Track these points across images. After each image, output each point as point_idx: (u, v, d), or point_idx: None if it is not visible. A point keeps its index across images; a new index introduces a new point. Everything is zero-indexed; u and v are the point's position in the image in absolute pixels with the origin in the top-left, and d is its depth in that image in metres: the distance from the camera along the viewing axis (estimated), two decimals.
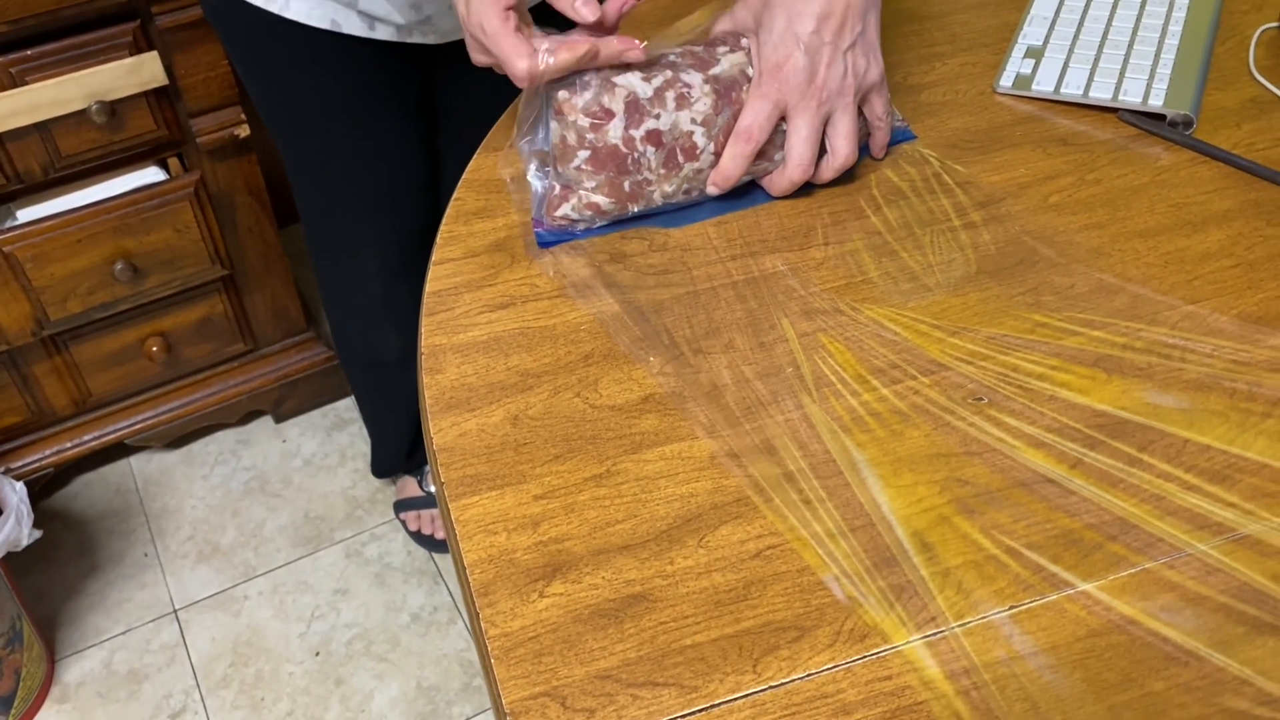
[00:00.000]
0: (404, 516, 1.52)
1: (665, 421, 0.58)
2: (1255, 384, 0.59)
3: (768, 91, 0.67)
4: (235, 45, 0.97)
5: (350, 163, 1.04)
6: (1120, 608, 0.50)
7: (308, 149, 1.04)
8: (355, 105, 0.98)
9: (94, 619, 1.46)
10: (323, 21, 0.87)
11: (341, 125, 1.00)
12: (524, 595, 0.51)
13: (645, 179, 0.67)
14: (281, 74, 0.96)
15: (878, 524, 0.53)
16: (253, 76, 0.99)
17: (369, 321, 1.25)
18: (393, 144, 1.03)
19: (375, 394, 1.39)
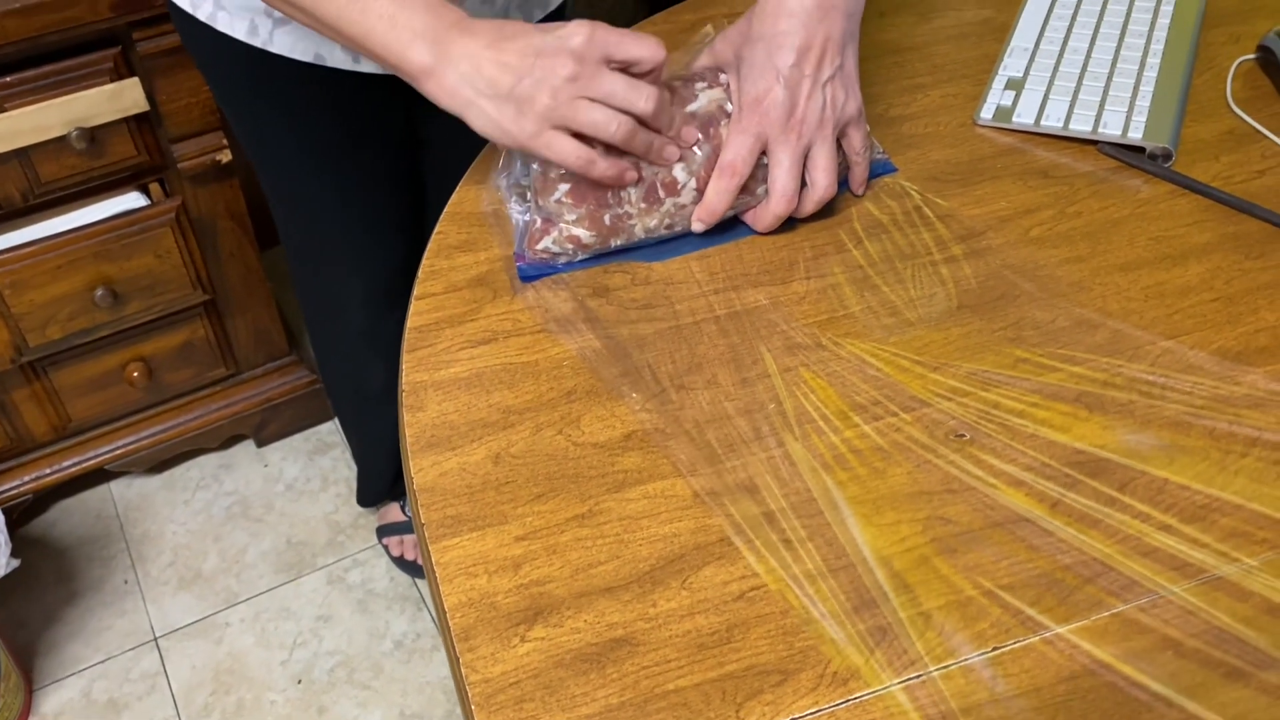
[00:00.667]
0: (386, 542, 1.51)
1: (648, 459, 0.58)
2: (1235, 420, 0.59)
3: (748, 125, 0.67)
4: (217, 80, 0.96)
5: (335, 197, 1.02)
6: (1096, 653, 0.50)
7: (292, 184, 1.03)
8: (340, 139, 0.96)
9: (73, 647, 1.44)
10: (307, 55, 0.85)
11: (326, 160, 0.98)
12: (505, 639, 0.50)
13: (626, 213, 0.67)
14: (265, 109, 0.94)
15: (858, 565, 0.53)
16: (236, 112, 0.98)
17: (354, 354, 1.24)
18: (377, 177, 1.02)
19: (360, 425, 1.38)
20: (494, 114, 0.63)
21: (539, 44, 0.62)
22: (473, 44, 0.63)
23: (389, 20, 0.63)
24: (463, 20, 0.64)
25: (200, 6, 0.84)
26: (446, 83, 0.63)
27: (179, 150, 1.27)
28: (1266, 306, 0.66)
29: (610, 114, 0.63)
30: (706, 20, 0.90)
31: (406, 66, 0.64)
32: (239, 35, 0.84)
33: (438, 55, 0.63)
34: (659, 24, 0.90)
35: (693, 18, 0.90)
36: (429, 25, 0.63)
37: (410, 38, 0.63)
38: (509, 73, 0.62)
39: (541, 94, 0.62)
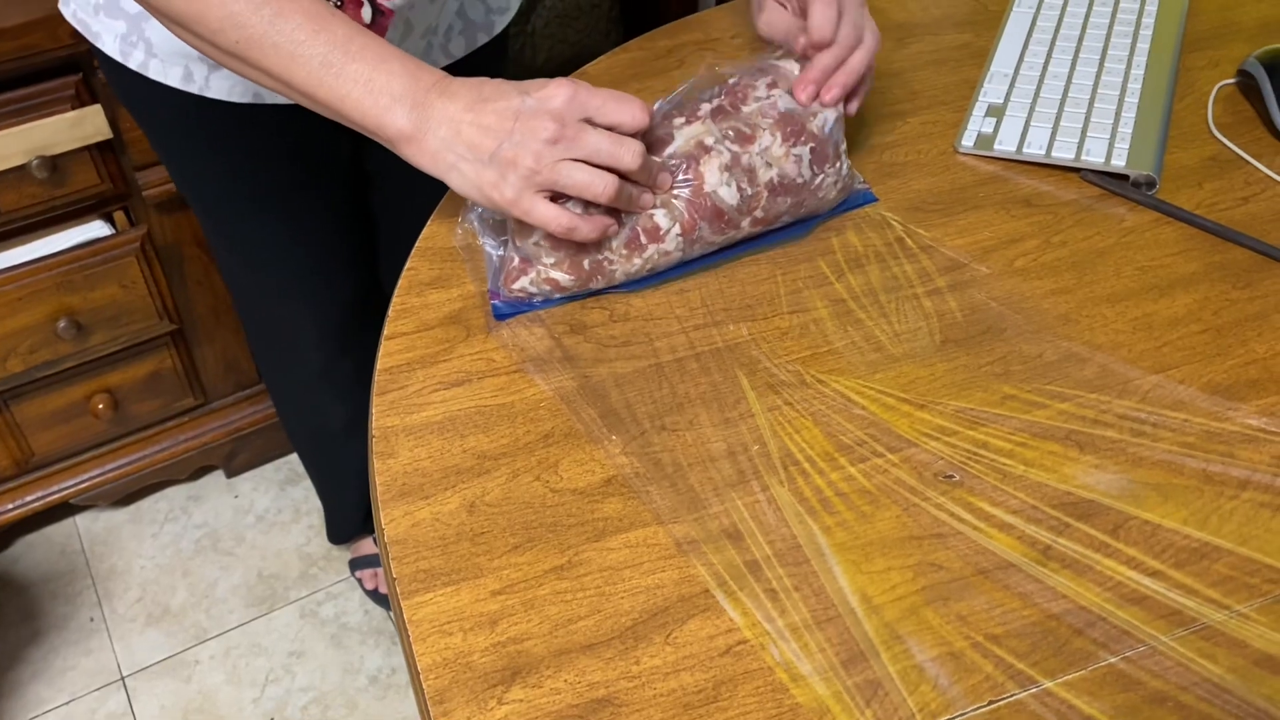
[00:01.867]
0: (360, 575, 1.48)
1: (629, 506, 0.56)
2: (1227, 459, 0.58)
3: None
4: (154, 129, 0.92)
5: (282, 239, 0.99)
6: (1087, 710, 0.48)
7: (237, 228, 0.99)
8: (284, 179, 0.93)
9: (36, 688, 1.40)
10: (245, 95, 0.83)
11: (271, 201, 0.95)
12: (482, 702, 0.48)
13: (607, 258, 0.65)
14: (205, 155, 0.91)
15: (846, 616, 0.51)
16: (174, 159, 0.94)
17: (311, 394, 1.20)
18: (323, 214, 0.99)
19: (325, 465, 1.35)
20: (475, 178, 0.61)
21: (519, 106, 0.60)
22: (452, 107, 0.61)
23: (365, 85, 0.61)
24: (441, 81, 0.62)
25: (130, 55, 0.81)
26: (427, 147, 0.61)
27: (143, 178, 1.25)
28: (1255, 338, 0.65)
29: (594, 174, 0.61)
30: (682, 46, 0.88)
31: (384, 132, 0.62)
32: (173, 83, 0.82)
33: (417, 120, 0.61)
34: (633, 50, 0.88)
35: (669, 43, 0.89)
36: (407, 89, 0.61)
37: (389, 102, 0.61)
38: (489, 136, 0.60)
39: (524, 157, 0.60)
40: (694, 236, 0.66)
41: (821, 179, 0.69)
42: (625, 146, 0.61)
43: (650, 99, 0.82)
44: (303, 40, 0.61)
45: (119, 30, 0.81)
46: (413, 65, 0.62)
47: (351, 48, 0.61)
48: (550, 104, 0.60)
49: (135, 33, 0.80)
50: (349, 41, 0.62)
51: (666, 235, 0.66)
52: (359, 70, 0.61)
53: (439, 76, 0.62)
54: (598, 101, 0.61)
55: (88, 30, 0.83)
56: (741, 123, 0.67)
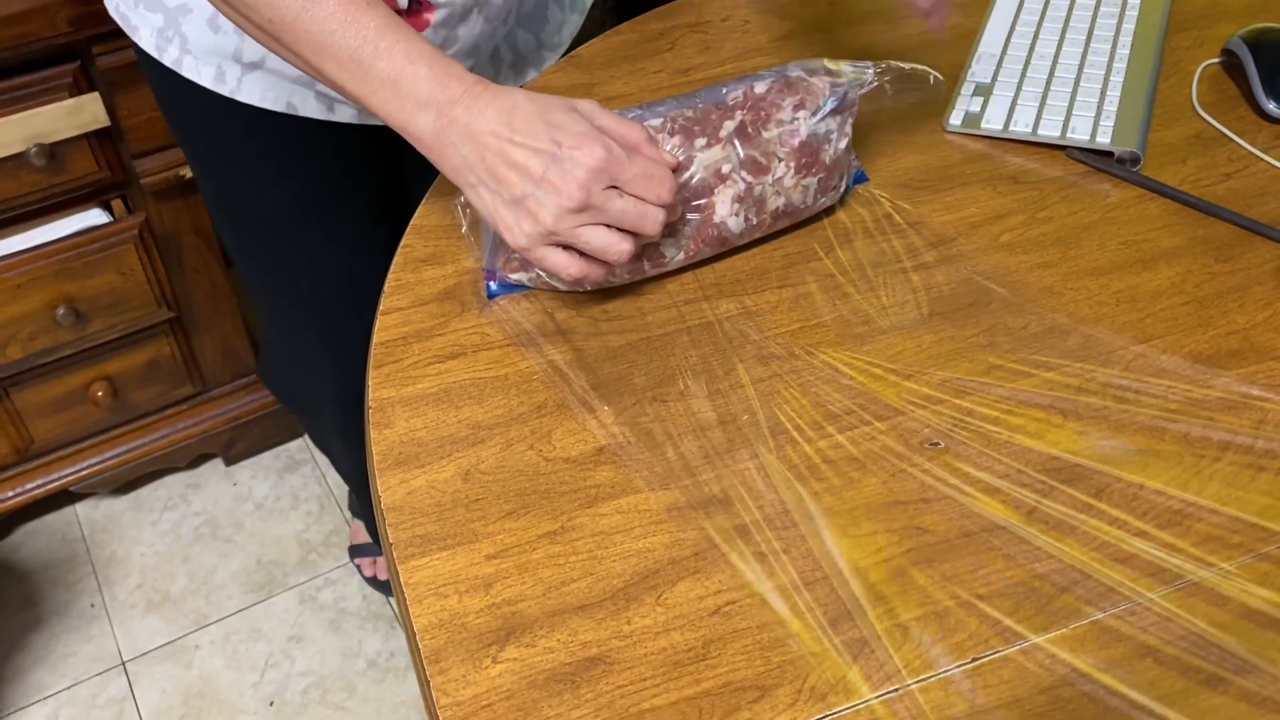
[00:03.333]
0: (359, 562, 1.49)
1: (620, 473, 0.57)
2: (1208, 424, 0.59)
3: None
4: (184, 131, 0.89)
5: (310, 258, 0.94)
6: (1075, 662, 0.49)
7: (263, 245, 0.94)
8: (314, 196, 0.89)
9: (38, 674, 1.41)
10: (278, 104, 0.80)
11: (298, 219, 0.91)
12: (477, 661, 0.49)
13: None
14: (233, 163, 0.88)
15: (834, 577, 0.52)
16: (203, 167, 0.91)
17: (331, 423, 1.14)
18: (356, 234, 0.93)
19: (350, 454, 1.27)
20: (493, 209, 0.60)
21: (549, 158, 0.58)
22: (479, 127, 0.59)
23: (391, 86, 0.60)
24: (470, 92, 0.60)
25: (165, 51, 0.79)
26: (449, 161, 0.61)
27: (141, 166, 1.25)
28: (1236, 309, 0.66)
29: (612, 238, 0.60)
30: (674, 29, 0.89)
31: (407, 134, 0.61)
32: (205, 82, 0.80)
33: (441, 130, 0.60)
34: (625, 33, 0.89)
35: (660, 26, 0.90)
36: (433, 96, 0.60)
37: (414, 108, 0.60)
38: (515, 177, 0.59)
39: (545, 216, 0.59)
40: (694, 258, 0.68)
41: (823, 200, 0.70)
42: (649, 218, 0.61)
43: (642, 80, 0.84)
44: (333, 30, 0.60)
45: (156, 24, 0.79)
46: (441, 69, 0.60)
47: (381, 44, 0.60)
48: (581, 169, 0.58)
49: (172, 27, 0.78)
50: (380, 36, 0.60)
51: (670, 262, 0.67)
52: (386, 69, 0.60)
53: (467, 85, 0.60)
54: (628, 175, 0.59)
55: (127, 24, 0.81)
56: (759, 151, 0.66)
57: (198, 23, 0.77)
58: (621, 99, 0.82)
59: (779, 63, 0.85)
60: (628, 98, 0.82)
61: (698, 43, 0.87)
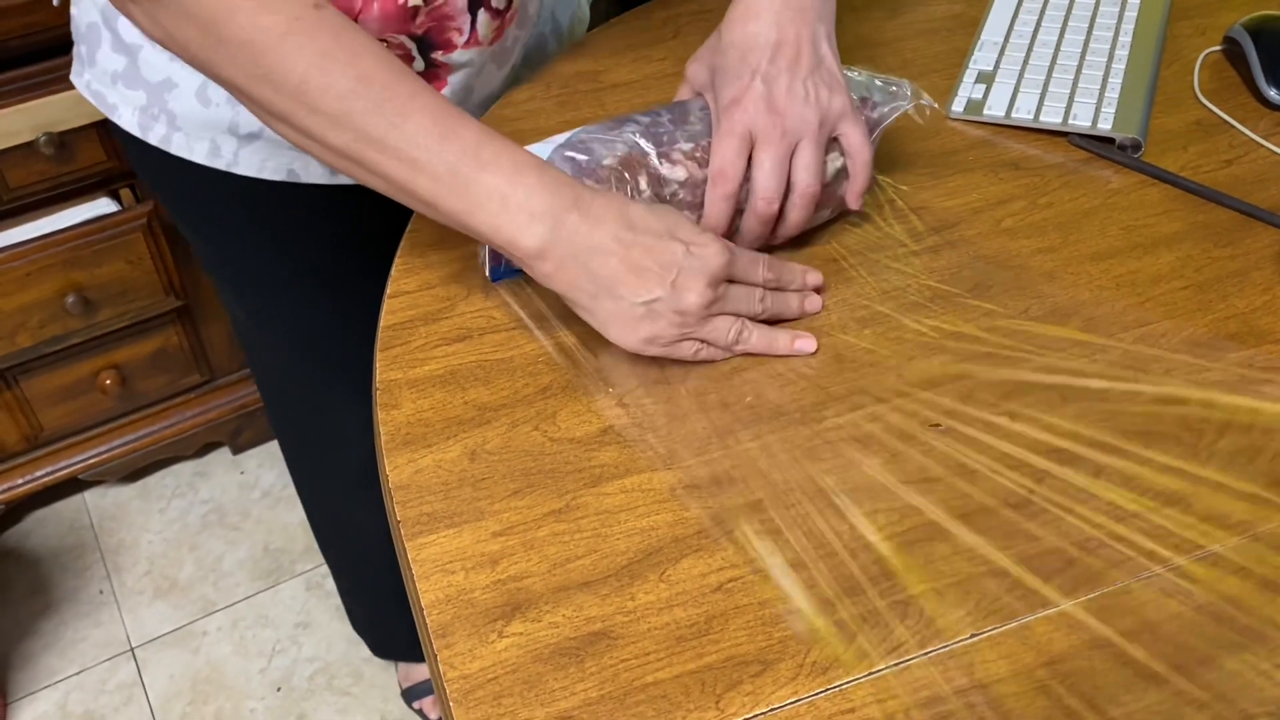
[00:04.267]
0: (419, 705, 1.37)
1: (625, 453, 0.58)
2: (1208, 405, 0.60)
3: (732, 126, 0.64)
4: (181, 210, 0.85)
5: (320, 320, 0.90)
6: (1082, 632, 0.50)
7: (272, 311, 0.91)
8: (322, 257, 0.85)
9: (48, 660, 1.43)
10: (278, 173, 0.77)
11: (307, 281, 0.87)
12: (483, 636, 0.50)
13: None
14: (236, 233, 0.84)
15: (837, 554, 0.53)
16: (206, 242, 0.87)
17: (348, 502, 1.08)
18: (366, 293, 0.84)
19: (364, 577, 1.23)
20: (616, 318, 0.59)
21: (677, 258, 0.59)
22: (597, 234, 0.58)
23: (499, 199, 0.57)
24: (582, 197, 0.58)
25: (151, 130, 0.75)
26: (564, 272, 0.59)
27: None
28: (1236, 294, 0.66)
29: (734, 326, 0.61)
30: (678, 16, 0.90)
31: (515, 248, 0.58)
32: (198, 159, 0.76)
33: (555, 240, 0.57)
34: (629, 21, 0.90)
35: (664, 14, 0.90)
36: (548, 206, 0.57)
37: (526, 220, 0.57)
38: (642, 281, 0.58)
39: (676, 319, 0.59)
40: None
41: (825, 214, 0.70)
42: (757, 301, 0.63)
43: (647, 68, 0.84)
44: (428, 146, 0.57)
45: (138, 102, 0.75)
46: (550, 177, 0.58)
47: (483, 155, 0.57)
48: (709, 267, 0.59)
49: (156, 104, 0.74)
50: (480, 149, 0.58)
51: None
52: (492, 183, 0.57)
53: (577, 191, 0.59)
54: (741, 266, 0.62)
55: (103, 103, 0.77)
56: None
57: (185, 97, 0.73)
58: (626, 86, 0.82)
59: None
60: (632, 85, 0.82)
61: (702, 30, 0.88)
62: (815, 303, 0.65)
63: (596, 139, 0.65)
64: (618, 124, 0.66)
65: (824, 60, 0.66)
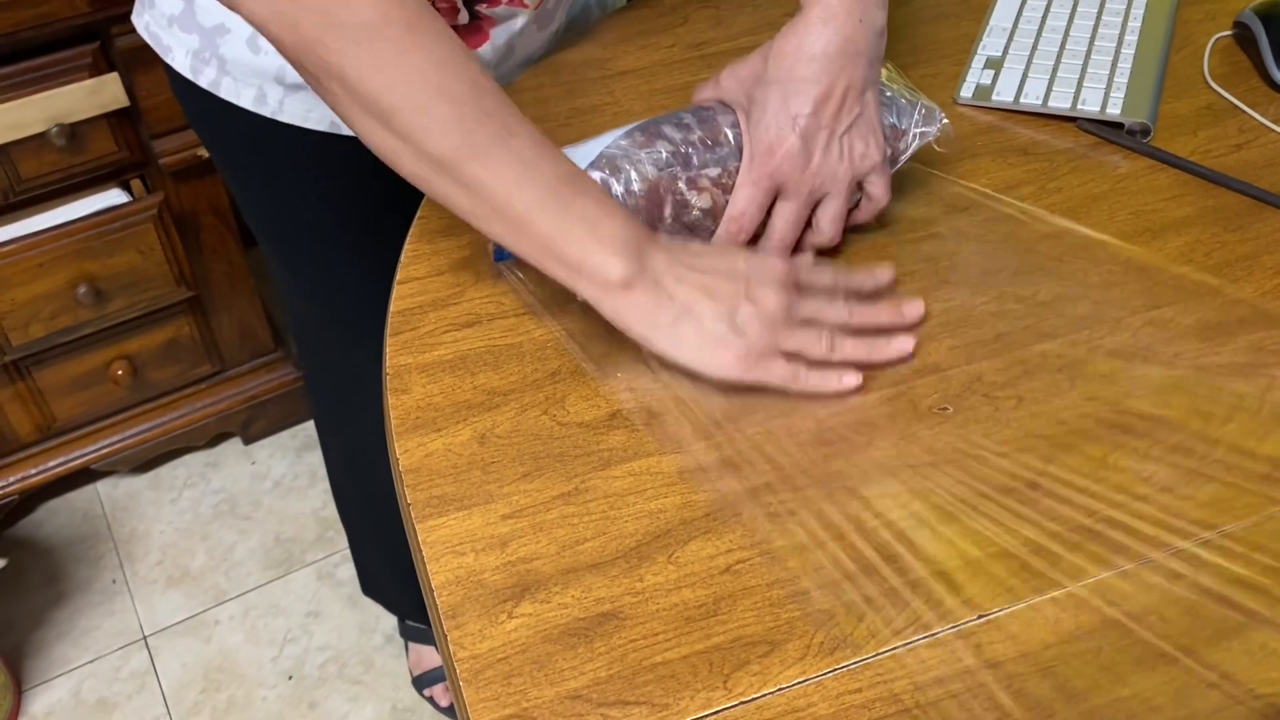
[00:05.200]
0: (430, 693, 1.37)
1: (633, 437, 0.58)
2: (1216, 389, 0.60)
3: (759, 177, 0.64)
4: (222, 152, 0.87)
5: (355, 272, 0.91)
6: (1089, 614, 0.50)
7: (307, 260, 0.92)
8: (358, 209, 0.86)
9: (61, 648, 1.44)
10: (321, 123, 0.77)
11: (343, 232, 0.88)
12: (493, 616, 0.50)
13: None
14: (275, 181, 0.85)
15: (844, 537, 0.53)
16: (243, 185, 0.89)
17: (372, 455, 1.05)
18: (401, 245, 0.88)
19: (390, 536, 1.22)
20: (699, 342, 0.58)
21: (743, 269, 0.59)
22: (673, 261, 0.58)
23: (591, 224, 0.57)
24: (652, 234, 0.60)
25: (201, 73, 0.77)
26: (641, 304, 0.58)
27: (160, 146, 1.27)
28: (1245, 278, 0.66)
29: (815, 333, 0.60)
30: (686, 4, 0.90)
31: (597, 275, 0.57)
32: (245, 104, 0.77)
33: (636, 270, 0.57)
34: (637, 7, 0.90)
35: (673, 0, 0.90)
36: (632, 236, 0.57)
37: (613, 247, 0.57)
38: (717, 300, 0.58)
39: (762, 327, 0.58)
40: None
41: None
42: (835, 308, 0.61)
43: (655, 55, 0.84)
44: (532, 162, 0.56)
45: (191, 45, 0.77)
46: (628, 213, 0.59)
47: (578, 183, 0.58)
48: (774, 270, 0.60)
49: (209, 49, 0.76)
50: (575, 175, 0.57)
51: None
52: (586, 207, 0.57)
53: (646, 230, 0.60)
54: (804, 271, 0.62)
55: (159, 44, 0.79)
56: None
57: (237, 43, 0.75)
58: (634, 73, 0.82)
59: None
60: (640, 72, 0.82)
61: (710, 17, 0.88)
62: (916, 310, 0.63)
63: (627, 157, 0.64)
64: (649, 136, 0.65)
65: (865, 110, 0.65)
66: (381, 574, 1.32)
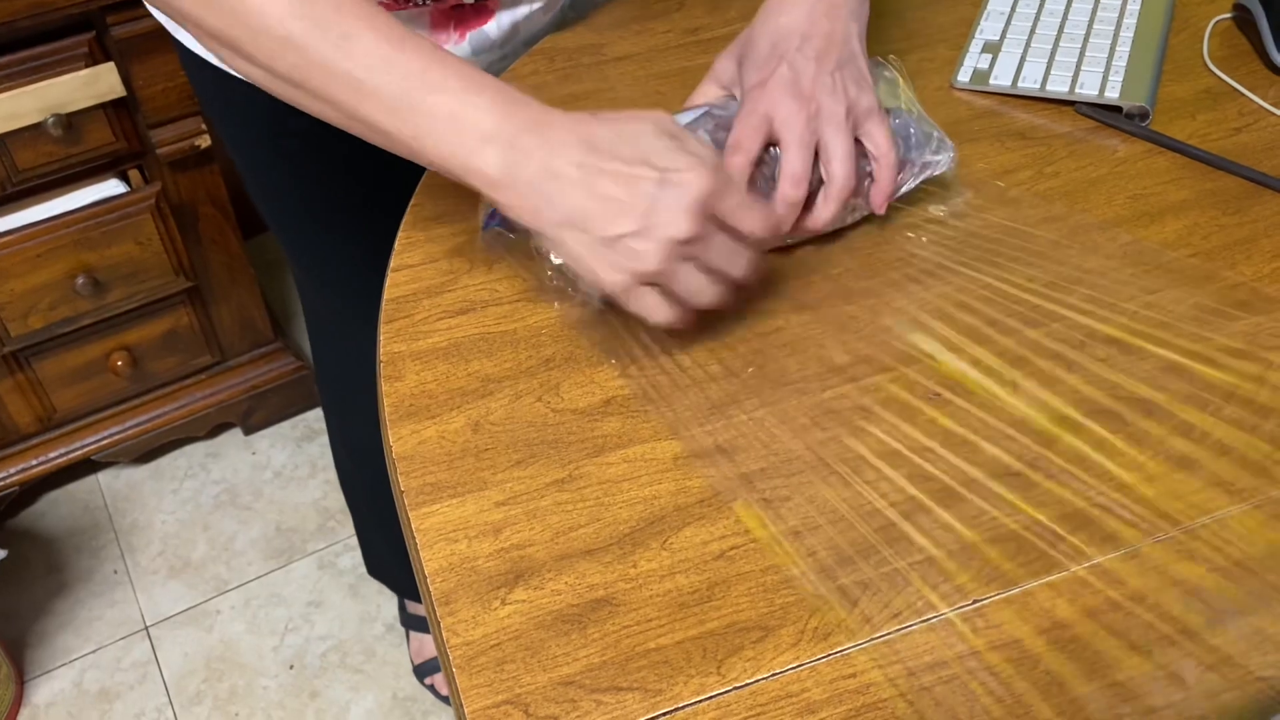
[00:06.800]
0: (431, 681, 1.37)
1: (628, 424, 0.58)
2: (1213, 373, 0.59)
3: (754, 106, 0.63)
4: (230, 130, 0.86)
5: (360, 256, 0.89)
6: (1086, 597, 0.50)
7: (313, 241, 0.92)
8: (364, 191, 0.85)
9: (63, 638, 1.44)
10: None
11: (348, 214, 0.88)
12: (486, 603, 0.50)
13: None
14: (282, 160, 0.85)
15: (838, 522, 0.53)
16: (253, 166, 0.88)
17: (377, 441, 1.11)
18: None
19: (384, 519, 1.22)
20: (578, 249, 0.54)
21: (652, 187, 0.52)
22: (558, 158, 0.53)
23: (448, 120, 0.53)
24: (540, 118, 0.53)
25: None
26: (524, 202, 0.54)
27: (157, 136, 1.27)
28: (1243, 261, 0.66)
29: (705, 282, 0.56)
30: None
31: (470, 176, 0.54)
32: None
33: (511, 163, 0.53)
34: None
35: None
36: (500, 127, 0.53)
37: (476, 143, 0.53)
38: (611, 213, 0.52)
39: (651, 257, 0.53)
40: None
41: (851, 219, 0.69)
42: (740, 259, 0.56)
43: (650, 40, 0.84)
44: (374, 67, 0.53)
45: None
46: (505, 98, 0.54)
47: (432, 77, 0.53)
48: (690, 195, 0.52)
49: None
50: (428, 70, 0.53)
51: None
52: (441, 103, 0.53)
53: (537, 111, 0.54)
54: (731, 204, 0.55)
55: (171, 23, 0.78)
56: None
57: None
58: (629, 59, 0.82)
59: None
60: (635, 57, 0.82)
61: (705, 2, 0.88)
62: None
63: None
64: None
65: (854, 57, 0.64)
66: (386, 556, 1.33)
